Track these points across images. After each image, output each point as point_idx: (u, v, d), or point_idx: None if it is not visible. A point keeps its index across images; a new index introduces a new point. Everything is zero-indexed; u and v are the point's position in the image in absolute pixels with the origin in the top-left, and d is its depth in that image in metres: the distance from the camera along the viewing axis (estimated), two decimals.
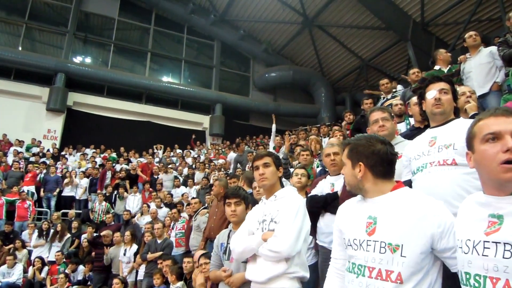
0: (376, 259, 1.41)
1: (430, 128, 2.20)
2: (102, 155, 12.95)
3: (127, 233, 6.87)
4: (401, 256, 1.36)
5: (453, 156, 1.91)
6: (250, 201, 2.71)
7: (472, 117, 2.86)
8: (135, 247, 6.77)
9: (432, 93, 2.14)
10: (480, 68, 4.61)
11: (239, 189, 2.87)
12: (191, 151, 14.53)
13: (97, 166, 11.16)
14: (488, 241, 1.15)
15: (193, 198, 6.57)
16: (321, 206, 3.00)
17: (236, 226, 2.69)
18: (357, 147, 1.58)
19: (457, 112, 2.26)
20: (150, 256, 6.04)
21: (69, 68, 14.99)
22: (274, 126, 9.03)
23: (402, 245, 1.37)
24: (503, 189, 1.17)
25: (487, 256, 1.15)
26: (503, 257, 1.10)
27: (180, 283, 4.80)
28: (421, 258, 1.36)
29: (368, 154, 1.54)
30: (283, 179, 3.31)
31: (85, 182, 10.35)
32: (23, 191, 9.15)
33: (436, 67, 5.18)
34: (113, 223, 8.28)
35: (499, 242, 1.13)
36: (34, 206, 9.25)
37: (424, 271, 1.37)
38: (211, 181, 9.01)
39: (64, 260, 7.56)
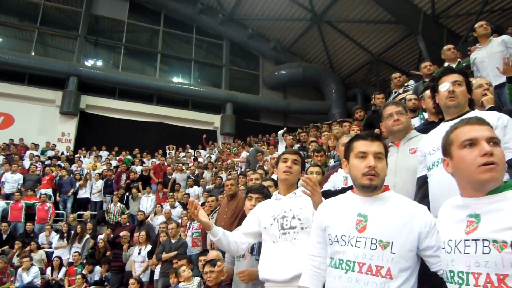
0: (366, 255, 1.46)
1: (445, 122, 2.14)
2: (117, 157, 13.10)
3: (142, 233, 6.96)
4: (391, 252, 1.44)
5: None
6: None
7: (489, 109, 2.79)
8: (149, 247, 6.84)
9: (445, 85, 2.10)
10: (493, 57, 4.45)
11: (264, 187, 2.89)
12: (201, 151, 14.61)
13: (111, 168, 11.30)
14: (468, 239, 1.24)
15: (210, 196, 6.58)
16: None
17: None
18: (385, 144, 1.68)
19: (472, 104, 2.21)
20: (164, 256, 6.09)
21: (81, 71, 15.21)
22: (280, 132, 9.05)
23: (392, 242, 1.45)
24: (481, 189, 1.27)
25: (468, 253, 1.23)
26: (483, 253, 1.18)
27: (197, 279, 4.83)
28: (409, 255, 1.46)
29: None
30: None
31: (100, 183, 10.49)
32: (44, 194, 9.32)
33: (445, 64, 5.12)
34: (127, 224, 8.37)
35: (478, 239, 1.21)
36: (54, 209, 9.41)
37: (411, 269, 1.46)
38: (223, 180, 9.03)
39: (81, 261, 7.69)
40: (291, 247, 2.08)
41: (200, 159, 13.32)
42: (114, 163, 12.22)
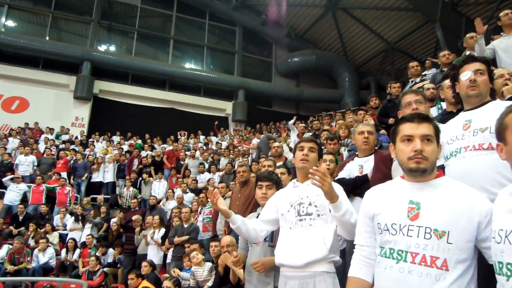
0: (420, 244, 1.38)
1: (464, 111, 2.09)
2: (128, 142, 13.24)
3: (156, 217, 7.07)
4: (447, 242, 1.35)
5: (489, 140, 1.82)
6: (281, 187, 2.68)
7: (509, 99, 2.73)
8: (163, 230, 6.95)
9: (466, 74, 2.03)
10: None
11: (272, 173, 2.88)
12: (213, 137, 14.66)
13: (123, 152, 11.43)
14: None
15: (220, 182, 6.63)
16: (350, 190, 2.84)
17: None
18: (436, 126, 1.55)
19: (493, 94, 2.15)
20: (176, 239, 6.18)
21: (94, 56, 15.30)
22: (291, 122, 9.10)
23: (448, 231, 1.35)
24: None
25: None
26: None
27: (209, 264, 4.89)
28: (467, 246, 1.36)
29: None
30: None
31: (112, 167, 10.63)
32: (63, 178, 9.52)
33: (466, 53, 5.00)
34: (137, 208, 8.50)
35: None
36: (73, 192, 9.61)
37: (469, 261, 1.36)
38: (236, 167, 9.07)
39: (95, 243, 7.86)
40: (307, 234, 2.09)
41: (212, 146, 13.35)
42: (125, 148, 12.36)
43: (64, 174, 9.98)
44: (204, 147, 13.18)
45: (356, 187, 2.87)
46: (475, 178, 1.76)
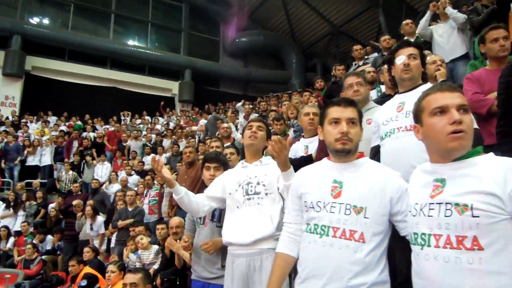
0: (341, 220, 1.49)
1: (399, 94, 2.21)
2: (67, 123, 12.45)
3: (88, 207, 6.66)
4: (364, 217, 1.48)
5: None
6: (229, 167, 2.69)
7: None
8: (99, 219, 6.69)
9: (401, 58, 2.14)
10: (453, 32, 4.76)
11: (219, 154, 2.88)
12: (159, 118, 14.23)
13: (63, 135, 10.74)
14: (433, 203, 1.28)
15: (166, 165, 6.49)
16: (295, 169, 2.95)
17: None
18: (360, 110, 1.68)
19: (425, 78, 2.29)
20: (120, 223, 6.01)
21: (25, 29, 14.02)
22: (239, 104, 9.19)
23: (365, 207, 1.48)
24: (448, 156, 1.31)
25: (431, 216, 1.28)
26: (445, 216, 1.23)
27: (155, 247, 4.82)
28: (382, 220, 1.50)
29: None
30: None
31: (49, 150, 9.97)
32: None
33: (404, 39, 5.29)
34: (80, 192, 8.11)
35: (442, 203, 1.26)
36: (0, 177, 8.88)
37: (384, 233, 1.51)
38: (181, 148, 8.91)
39: (31, 230, 7.40)
40: (254, 212, 2.13)
41: (158, 127, 12.96)
42: (63, 129, 11.62)
43: None
44: (150, 129, 12.76)
45: (301, 167, 2.94)
46: (406, 157, 1.87)
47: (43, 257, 6.81)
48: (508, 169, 1.18)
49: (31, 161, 9.83)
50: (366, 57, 6.28)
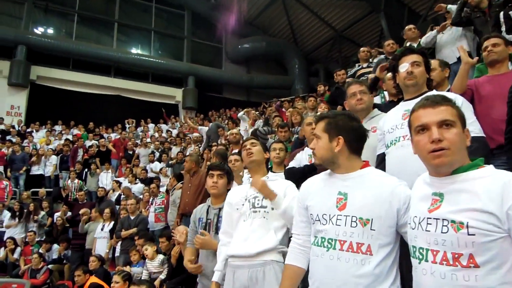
0: (347, 232, 1.48)
1: (404, 101, 2.20)
2: (74, 132, 12.51)
3: (107, 210, 6.79)
4: (370, 229, 1.46)
5: None
6: (233, 177, 2.73)
7: (448, 91, 2.91)
8: (112, 224, 6.71)
9: (404, 66, 2.14)
10: (455, 35, 4.85)
11: (224, 164, 2.92)
12: (162, 125, 14.29)
13: (68, 143, 10.79)
14: (431, 218, 1.27)
15: (171, 171, 6.52)
16: (299, 179, 2.94)
17: (216, 199, 2.72)
18: (337, 121, 1.62)
19: (430, 84, 2.28)
20: (124, 233, 6.01)
21: (30, 40, 14.16)
22: (240, 113, 9.09)
23: (372, 219, 1.46)
24: (437, 172, 1.30)
25: (429, 231, 1.27)
26: (441, 232, 1.22)
27: (161, 256, 4.81)
28: (389, 231, 1.47)
29: (348, 129, 1.61)
30: None
31: (54, 159, 10.02)
32: (0, 173, 8.78)
33: (407, 44, 5.29)
34: (85, 201, 8.12)
35: (439, 218, 1.24)
36: (11, 187, 8.92)
37: (392, 245, 1.48)
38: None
39: (38, 240, 7.41)
40: (259, 224, 2.14)
41: (162, 134, 13.01)
42: (68, 137, 11.68)
43: (0, 168, 9.27)
44: (156, 135, 12.82)
45: (305, 176, 2.92)
46: (412, 165, 1.84)
47: (50, 266, 6.81)
48: (506, 185, 1.16)
49: (36, 170, 9.87)
50: (370, 60, 6.27)
